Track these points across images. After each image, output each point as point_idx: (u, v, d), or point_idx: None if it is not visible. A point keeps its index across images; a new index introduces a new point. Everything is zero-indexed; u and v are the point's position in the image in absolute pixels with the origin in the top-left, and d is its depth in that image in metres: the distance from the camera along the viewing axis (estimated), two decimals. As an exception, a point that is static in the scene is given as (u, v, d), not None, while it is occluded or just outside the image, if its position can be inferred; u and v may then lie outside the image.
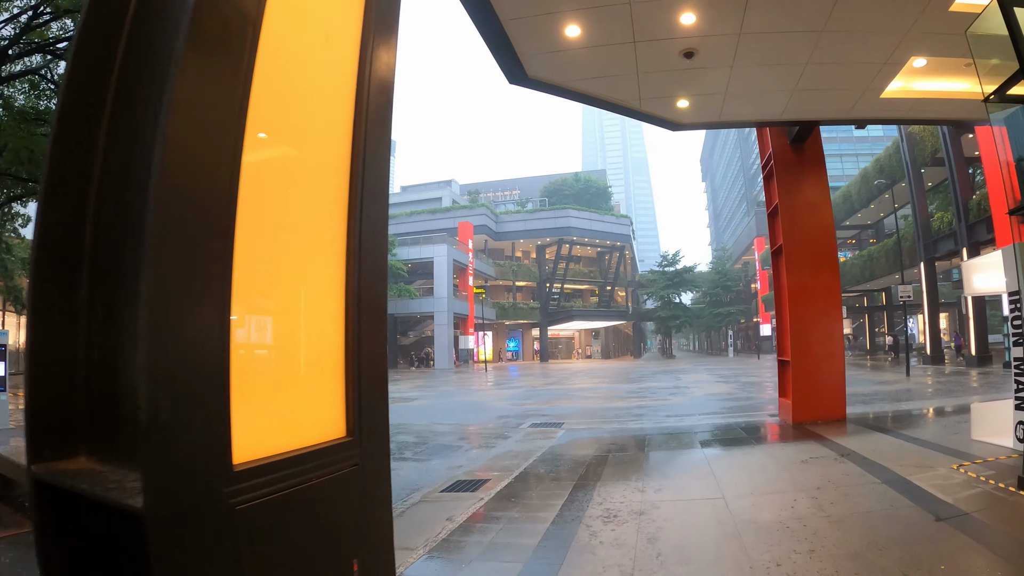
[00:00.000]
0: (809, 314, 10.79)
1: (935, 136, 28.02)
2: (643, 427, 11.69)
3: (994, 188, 23.43)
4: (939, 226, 28.73)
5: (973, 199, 25.80)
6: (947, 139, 26.49)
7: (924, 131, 29.19)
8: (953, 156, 26.36)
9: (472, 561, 4.68)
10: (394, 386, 28.34)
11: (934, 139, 28.20)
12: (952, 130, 26.32)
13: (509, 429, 12.38)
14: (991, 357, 26.39)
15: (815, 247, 11.09)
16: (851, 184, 38.80)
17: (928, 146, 28.93)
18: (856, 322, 57.29)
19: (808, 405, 10.61)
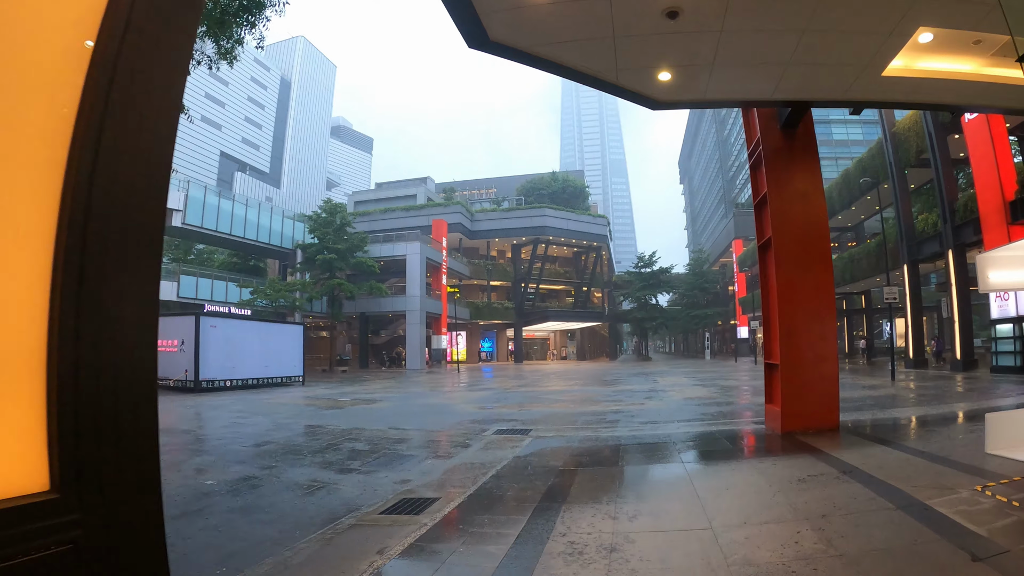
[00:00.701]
0: (799, 314, 9.85)
1: (920, 136, 27.41)
2: (617, 435, 10.67)
3: (983, 188, 22.79)
4: (923, 228, 28.08)
5: (960, 200, 25.14)
6: (933, 139, 25.85)
7: (908, 131, 28.60)
8: (939, 156, 25.70)
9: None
10: (359, 386, 27.25)
11: (919, 139, 27.57)
12: (938, 130, 25.74)
13: (472, 436, 11.34)
14: (976, 362, 25.75)
15: (806, 241, 10.16)
16: (831, 186, 38.04)
17: (913, 146, 28.29)
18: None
19: (798, 413, 9.66)
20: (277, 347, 30.26)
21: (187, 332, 25.73)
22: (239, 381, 27.31)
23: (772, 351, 10.32)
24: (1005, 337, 22.12)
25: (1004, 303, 21.98)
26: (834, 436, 9.33)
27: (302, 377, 31.21)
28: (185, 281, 42.46)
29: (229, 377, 26.79)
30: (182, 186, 42.50)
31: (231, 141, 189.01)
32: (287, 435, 12.36)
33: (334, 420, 14.69)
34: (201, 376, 25.29)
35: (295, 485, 7.64)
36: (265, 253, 52.37)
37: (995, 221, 22.20)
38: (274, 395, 23.12)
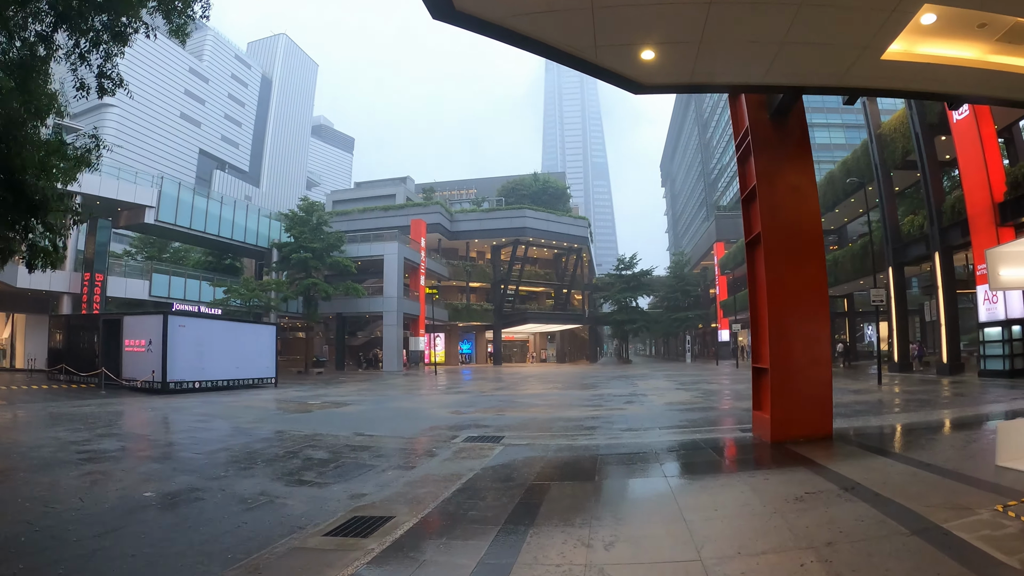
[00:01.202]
0: (791, 314, 9.19)
1: (906, 137, 26.99)
2: (595, 444, 9.96)
3: (971, 189, 22.38)
4: (909, 230, 27.64)
5: (947, 201, 24.71)
6: (920, 140, 25.44)
7: (895, 132, 28.19)
8: (926, 158, 25.27)
9: None
10: (333, 389, 26.46)
11: (905, 140, 27.15)
12: (926, 131, 25.33)
13: (440, 443, 10.60)
14: (963, 365, 25.32)
15: (798, 236, 9.51)
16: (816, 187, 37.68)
17: (899, 147, 27.87)
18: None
19: (789, 421, 9.00)
20: (249, 348, 29.34)
21: (155, 332, 24.86)
22: (209, 383, 26.40)
23: (761, 354, 9.65)
24: (994, 340, 21.67)
25: (993, 306, 21.52)
26: (828, 446, 8.69)
27: (274, 379, 30.30)
28: (157, 280, 41.39)
29: (198, 379, 25.88)
30: (155, 182, 41.36)
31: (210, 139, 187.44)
32: (245, 441, 11.57)
33: (299, 425, 13.89)
34: (169, 377, 24.41)
35: (239, 499, 6.89)
36: (241, 252, 51.32)
37: (984, 223, 21.77)
38: (243, 398, 22.26)
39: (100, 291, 36.94)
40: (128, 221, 40.93)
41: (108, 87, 9.94)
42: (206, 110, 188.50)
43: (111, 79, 10.07)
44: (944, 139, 25.39)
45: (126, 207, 39.37)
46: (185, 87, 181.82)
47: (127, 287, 39.48)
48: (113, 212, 39.95)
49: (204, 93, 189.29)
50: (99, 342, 26.82)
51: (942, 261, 24.64)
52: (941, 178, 26.30)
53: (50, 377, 28.78)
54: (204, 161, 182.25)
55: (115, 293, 38.36)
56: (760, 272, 9.57)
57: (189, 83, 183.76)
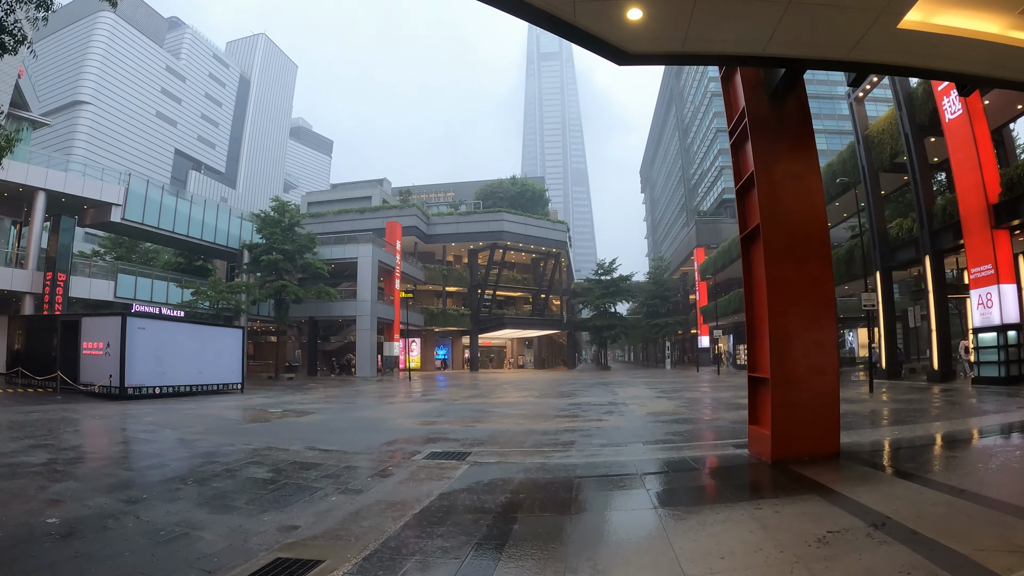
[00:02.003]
0: (793, 317, 8.14)
1: (895, 139, 26.29)
2: (572, 463, 8.82)
3: (964, 190, 21.58)
4: (897, 234, 26.84)
5: (938, 203, 23.93)
6: (910, 141, 24.68)
7: (883, 133, 27.47)
8: (916, 159, 24.50)
9: None
10: (300, 396, 25.24)
11: (894, 142, 26.43)
12: (916, 131, 24.60)
13: (399, 460, 9.44)
14: (955, 372, 24.53)
15: (801, 229, 8.47)
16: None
17: (887, 149, 27.14)
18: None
19: (793, 437, 7.95)
20: (214, 352, 27.96)
21: (113, 334, 23.59)
22: (170, 388, 25.04)
23: (759, 362, 8.60)
24: (988, 347, 20.85)
25: (988, 311, 20.68)
26: (837, 466, 7.65)
27: (241, 384, 28.95)
28: (123, 280, 39.87)
29: (159, 384, 24.56)
30: (123, 179, 39.85)
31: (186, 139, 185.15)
32: (185, 455, 10.39)
33: (249, 437, 12.65)
34: (127, 382, 23.14)
35: (152, 530, 5.71)
36: (212, 253, 49.80)
37: (977, 225, 20.98)
38: (203, 405, 20.95)
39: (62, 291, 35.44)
40: (94, 220, 39.38)
41: (9, 44, 8.74)
42: (182, 109, 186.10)
43: (12, 35, 8.88)
44: (933, 141, 24.70)
45: (92, 205, 37.91)
46: (162, 85, 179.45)
47: (91, 288, 37.96)
48: (79, 210, 38.47)
49: (181, 92, 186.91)
50: (58, 344, 25.39)
51: (933, 265, 23.86)
52: (931, 180, 25.58)
53: (8, 381, 27.25)
54: (180, 161, 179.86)
55: (79, 294, 36.86)
56: (758, 270, 8.52)
57: (166, 81, 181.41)
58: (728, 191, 77.88)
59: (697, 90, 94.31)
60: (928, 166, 25.21)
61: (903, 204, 32.22)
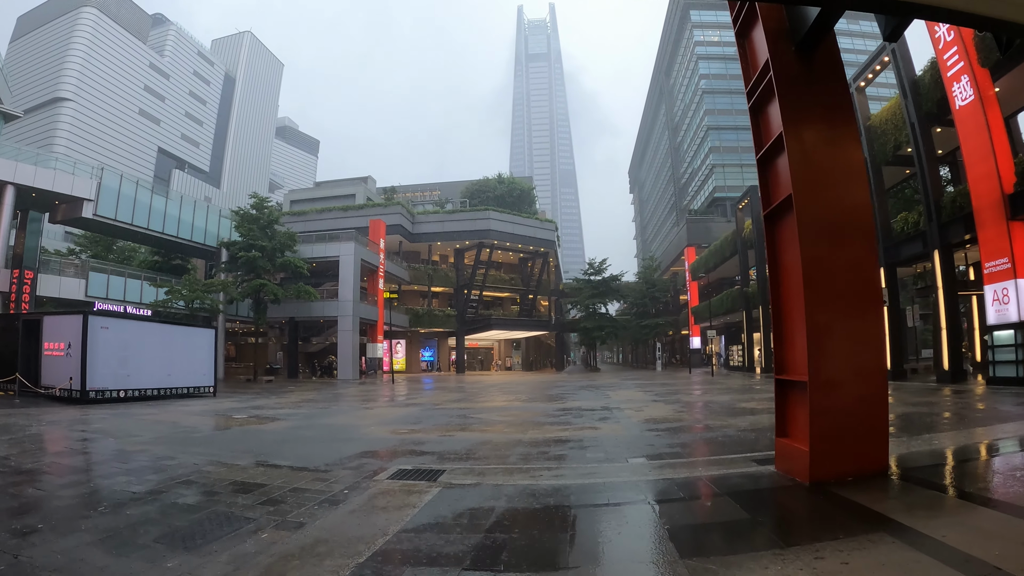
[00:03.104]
0: (834, 307, 6.70)
1: (899, 129, 25.02)
2: (563, 484, 7.30)
3: (977, 180, 20.29)
4: (902, 228, 25.52)
5: (947, 196, 22.66)
6: (916, 130, 23.42)
7: (886, 124, 26.20)
8: (923, 149, 23.23)
9: None
10: (273, 399, 23.89)
11: (897, 132, 25.17)
12: (922, 120, 23.33)
13: (359, 480, 7.91)
14: (967, 373, 23.27)
15: (840, 203, 7.04)
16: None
17: (890, 141, 25.86)
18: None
19: (835, 452, 6.52)
20: (184, 353, 26.35)
21: (74, 334, 22.03)
22: (135, 392, 23.49)
23: (789, 362, 7.16)
24: (1005, 345, 19.55)
25: (1004, 307, 19.35)
26: (887, 486, 6.29)
27: (213, 388, 27.36)
28: (95, 279, 38.38)
29: (123, 387, 23.01)
30: (95, 174, 38.22)
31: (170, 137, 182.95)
32: (114, 471, 8.90)
33: (199, 448, 11.14)
34: (89, 385, 21.62)
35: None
36: (189, 251, 48.21)
37: (991, 217, 19.68)
38: (166, 410, 19.39)
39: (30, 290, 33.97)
40: (66, 215, 37.85)
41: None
42: (166, 107, 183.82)
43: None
44: (940, 131, 23.50)
45: (64, 200, 36.45)
46: (145, 83, 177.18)
47: (61, 286, 36.48)
48: (51, 206, 36.97)
49: (164, 89, 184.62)
50: (19, 345, 23.80)
51: (942, 260, 22.56)
52: (939, 171, 24.32)
53: (-30, 383, 25.68)
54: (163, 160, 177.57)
55: (48, 293, 35.42)
56: (789, 252, 7.10)
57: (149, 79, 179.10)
58: (720, 189, 76.82)
59: (688, 88, 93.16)
60: (936, 157, 23.97)
61: (903, 199, 31.02)
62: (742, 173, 76.19)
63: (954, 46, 20.65)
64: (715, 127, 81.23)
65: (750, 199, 43.18)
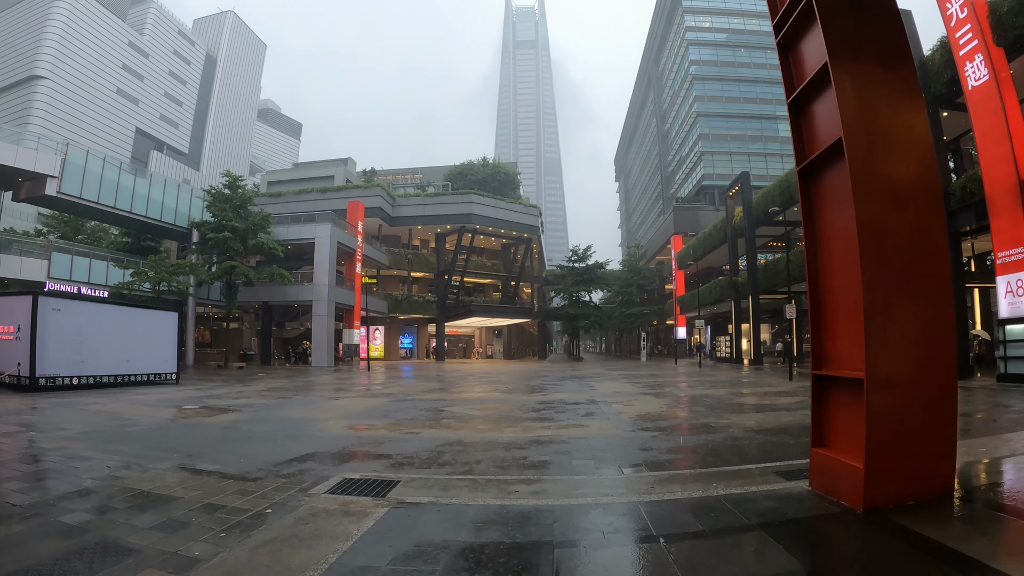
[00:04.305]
0: (898, 284, 5.23)
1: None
2: (544, 506, 5.76)
3: (990, 165, 18.92)
4: (905, 216, 24.24)
5: (956, 181, 21.36)
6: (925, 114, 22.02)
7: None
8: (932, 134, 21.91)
9: None
10: (237, 388, 22.49)
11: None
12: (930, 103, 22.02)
13: (291, 494, 6.37)
14: (972, 368, 22.09)
15: (901, 153, 5.55)
16: (790, 174, 34.22)
17: (892, 124, 24.53)
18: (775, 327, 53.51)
19: (896, 471, 5.07)
20: (144, 338, 24.65)
21: (23, 316, 20.38)
22: (91, 379, 21.94)
23: (833, 354, 5.69)
24: (1018, 340, 18.28)
25: (1018, 300, 18.05)
26: (954, 513, 4.84)
27: (176, 375, 25.70)
28: (58, 260, 36.34)
29: (77, 374, 21.45)
30: (60, 149, 36.21)
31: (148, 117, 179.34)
32: (10, 474, 7.41)
33: (125, 446, 9.57)
34: (39, 371, 20.08)
35: None
36: (161, 233, 46.06)
37: (1006, 204, 18.32)
38: (116, 399, 17.82)
39: (-12, 270, 32.13)
40: (29, 193, 35.77)
41: None
42: (145, 87, 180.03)
43: None
44: (947, 115, 22.23)
45: (27, 177, 34.42)
46: (123, 61, 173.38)
47: (23, 267, 34.48)
48: (13, 183, 34.95)
49: (143, 69, 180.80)
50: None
51: (950, 249, 21.25)
52: (945, 156, 23.05)
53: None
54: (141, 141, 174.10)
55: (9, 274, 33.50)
56: (837, 213, 5.63)
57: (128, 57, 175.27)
58: (708, 177, 75.48)
59: (677, 74, 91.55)
60: (944, 141, 22.72)
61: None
62: (731, 161, 74.81)
63: (967, 23, 19.29)
64: (704, 114, 79.73)
65: (741, 186, 41.78)
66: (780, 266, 36.28)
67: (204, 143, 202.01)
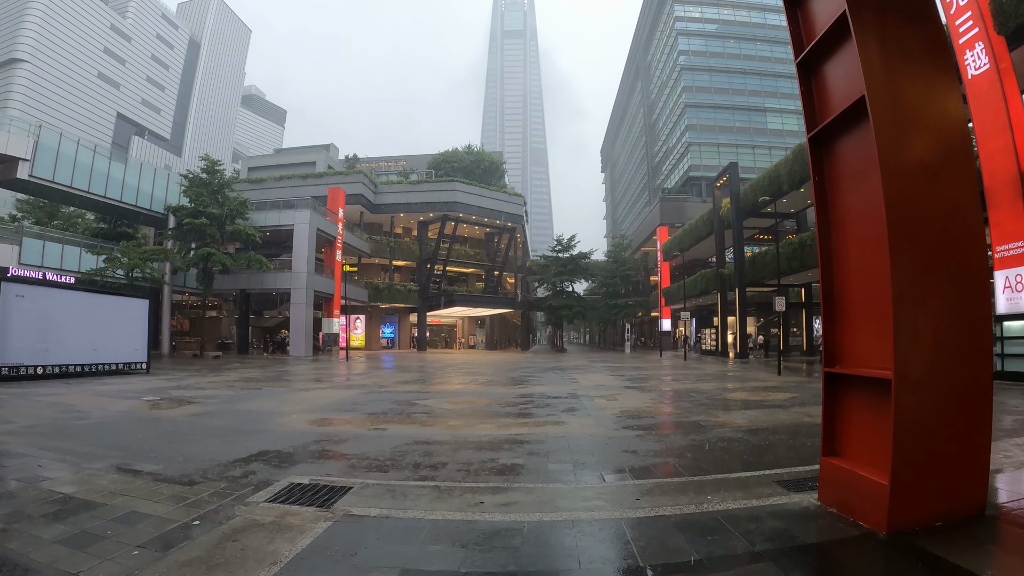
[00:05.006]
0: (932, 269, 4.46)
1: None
2: (513, 523, 4.94)
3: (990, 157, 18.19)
4: (899, 205, 23.56)
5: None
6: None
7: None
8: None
9: None
10: (208, 378, 21.89)
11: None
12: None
13: (223, 503, 5.55)
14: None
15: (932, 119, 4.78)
16: (780, 164, 33.47)
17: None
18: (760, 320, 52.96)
19: (925, 488, 4.32)
20: (113, 326, 23.76)
21: (-15, 303, 19.45)
22: (56, 368, 21.15)
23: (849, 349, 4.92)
24: (1016, 337, 17.67)
25: (1017, 295, 17.43)
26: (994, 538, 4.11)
27: (146, 364, 24.82)
28: (29, 245, 35.27)
29: (41, 363, 20.62)
30: (33, 131, 35.04)
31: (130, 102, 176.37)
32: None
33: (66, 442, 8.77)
34: (1, 360, 19.26)
35: None
36: (137, 218, 44.91)
37: (1007, 196, 17.64)
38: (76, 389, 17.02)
39: (-47, 256, 31.03)
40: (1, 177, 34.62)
41: None
42: (126, 71, 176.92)
43: None
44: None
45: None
46: (105, 45, 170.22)
47: (-9, 252, 33.45)
48: (-16, 166, 33.83)
49: (125, 53, 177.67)
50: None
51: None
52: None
53: None
54: (122, 126, 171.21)
55: (-24, 260, 32.42)
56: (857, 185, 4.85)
57: (109, 41, 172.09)
58: (696, 168, 74.77)
59: (665, 64, 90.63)
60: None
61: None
62: (719, 152, 74.04)
63: (968, 11, 18.61)
64: (693, 104, 78.87)
65: (729, 176, 41.06)
66: (768, 258, 35.64)
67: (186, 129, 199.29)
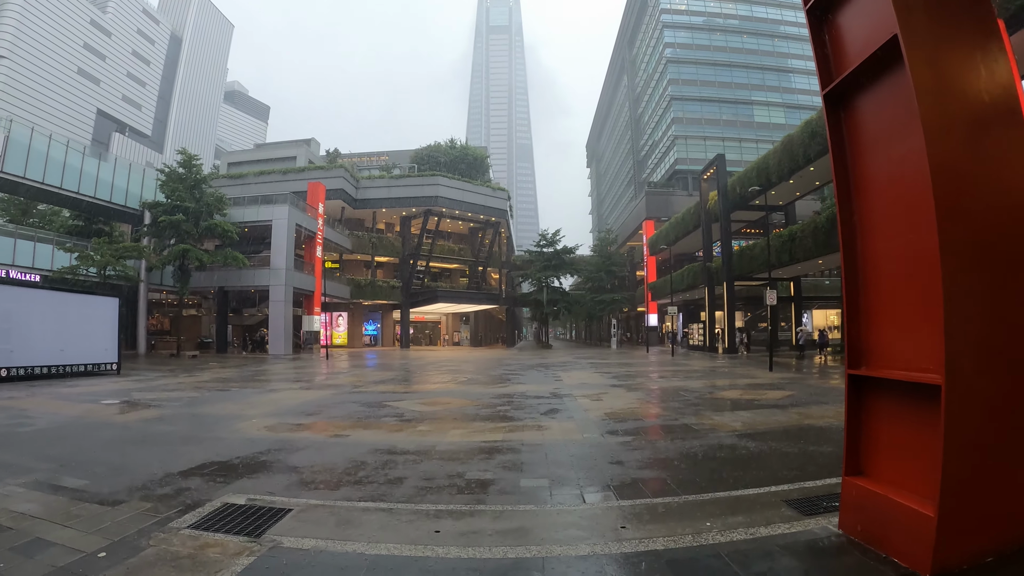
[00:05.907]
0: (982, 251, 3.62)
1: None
2: (473, 561, 4.08)
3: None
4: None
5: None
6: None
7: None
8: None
9: None
10: (179, 379, 20.87)
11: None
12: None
13: (140, 529, 4.67)
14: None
15: (978, 75, 3.95)
16: (768, 156, 32.70)
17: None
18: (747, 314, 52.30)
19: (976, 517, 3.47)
20: (81, 325, 22.69)
21: (-54, 303, 18.58)
22: (21, 370, 20.10)
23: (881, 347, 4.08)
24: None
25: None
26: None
27: (117, 364, 23.74)
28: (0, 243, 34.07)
29: (5, 364, 19.61)
30: (3, 126, 33.85)
31: (110, 98, 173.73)
32: None
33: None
34: (-39, 362, 18.11)
35: None
36: (112, 215, 43.54)
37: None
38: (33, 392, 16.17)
39: (-82, 255, 29.87)
40: (-31, 173, 33.49)
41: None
42: (107, 67, 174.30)
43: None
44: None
45: (-34, 156, 32.07)
46: (84, 40, 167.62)
47: (-41, 251, 32.27)
48: (-47, 162, 32.61)
49: (105, 48, 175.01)
50: None
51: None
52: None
53: None
54: (102, 122, 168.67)
55: (-54, 259, 31.24)
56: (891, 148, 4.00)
57: (89, 36, 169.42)
58: (682, 161, 74.12)
59: (651, 57, 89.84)
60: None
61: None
62: (705, 145, 73.30)
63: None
64: (679, 97, 78.15)
65: (716, 168, 40.29)
66: (756, 251, 34.94)
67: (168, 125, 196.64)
